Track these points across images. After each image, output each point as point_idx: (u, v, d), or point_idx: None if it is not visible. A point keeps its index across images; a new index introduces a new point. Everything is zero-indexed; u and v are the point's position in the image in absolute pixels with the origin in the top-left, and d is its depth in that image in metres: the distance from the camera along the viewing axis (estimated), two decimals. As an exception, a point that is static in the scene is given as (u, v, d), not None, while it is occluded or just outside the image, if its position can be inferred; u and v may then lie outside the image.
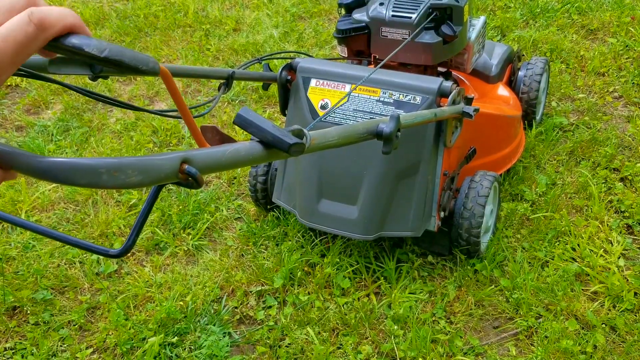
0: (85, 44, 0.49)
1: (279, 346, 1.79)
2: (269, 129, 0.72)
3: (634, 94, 2.84)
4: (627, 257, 2.04)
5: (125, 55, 0.50)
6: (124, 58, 0.50)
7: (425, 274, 1.99)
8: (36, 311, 1.92)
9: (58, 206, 2.36)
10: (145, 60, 0.53)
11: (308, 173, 1.85)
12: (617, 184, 2.31)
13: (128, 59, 0.50)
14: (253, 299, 1.95)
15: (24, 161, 0.49)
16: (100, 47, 0.49)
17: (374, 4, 1.98)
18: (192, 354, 1.78)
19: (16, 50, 0.45)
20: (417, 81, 1.76)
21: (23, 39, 0.45)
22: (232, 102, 2.96)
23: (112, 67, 0.51)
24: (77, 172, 0.49)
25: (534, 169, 2.41)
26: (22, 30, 0.45)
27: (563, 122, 2.66)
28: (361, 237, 1.84)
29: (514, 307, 1.88)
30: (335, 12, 3.76)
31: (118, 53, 0.50)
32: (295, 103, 1.87)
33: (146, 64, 0.52)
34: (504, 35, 3.38)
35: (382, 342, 1.79)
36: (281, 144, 0.72)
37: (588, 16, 3.48)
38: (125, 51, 0.51)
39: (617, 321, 1.79)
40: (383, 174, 1.77)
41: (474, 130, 1.96)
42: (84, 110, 2.94)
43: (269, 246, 2.12)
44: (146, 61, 0.53)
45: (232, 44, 3.41)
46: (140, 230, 0.65)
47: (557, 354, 1.72)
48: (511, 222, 2.16)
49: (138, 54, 0.52)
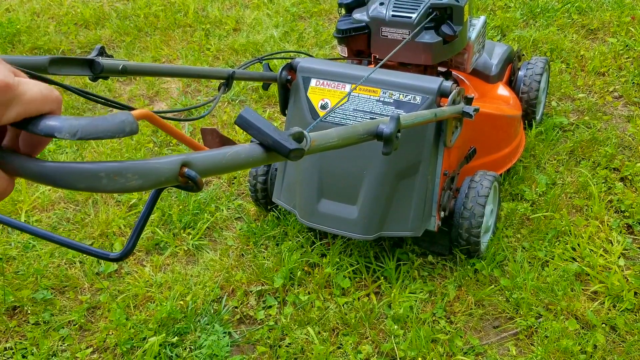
0: (57, 129, 0.47)
1: (279, 346, 1.79)
2: (270, 132, 0.71)
3: (634, 94, 2.84)
4: (627, 256, 2.04)
5: (99, 129, 0.48)
6: (98, 134, 0.48)
7: (425, 274, 1.99)
8: (36, 311, 1.92)
9: (58, 206, 2.36)
10: (120, 127, 0.49)
11: (308, 173, 1.85)
12: (617, 184, 2.31)
13: (103, 132, 0.48)
14: (253, 298, 1.95)
15: (24, 165, 0.50)
16: (72, 129, 0.47)
17: (374, 4, 1.98)
18: (192, 353, 1.78)
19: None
20: (417, 81, 1.76)
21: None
22: (232, 101, 2.96)
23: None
24: (77, 176, 0.49)
25: (534, 169, 2.41)
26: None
27: (563, 122, 2.66)
28: (361, 236, 1.84)
29: (514, 307, 1.88)
30: (335, 11, 3.76)
31: (91, 130, 0.48)
32: (296, 103, 1.87)
33: (122, 131, 0.49)
34: (504, 35, 3.38)
35: (382, 342, 1.79)
36: (281, 149, 0.71)
37: (588, 16, 3.48)
38: (99, 124, 0.48)
39: (617, 321, 1.80)
40: (383, 174, 1.77)
41: (474, 130, 1.96)
42: (84, 110, 2.94)
43: (269, 246, 2.12)
44: (122, 128, 0.49)
45: (232, 44, 3.41)
46: (140, 233, 0.65)
47: (557, 354, 1.72)
48: (511, 222, 2.16)
49: (112, 121, 0.49)
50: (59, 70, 1.01)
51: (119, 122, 0.49)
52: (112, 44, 3.54)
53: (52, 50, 3.46)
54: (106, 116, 0.49)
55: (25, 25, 3.63)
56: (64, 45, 3.49)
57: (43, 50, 3.46)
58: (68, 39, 3.57)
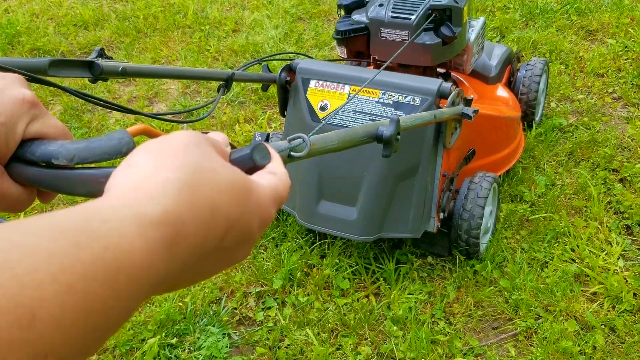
0: (54, 154, 0.48)
1: (279, 347, 1.79)
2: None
3: (633, 95, 2.84)
4: (627, 258, 2.04)
5: (95, 153, 0.48)
6: (94, 157, 0.48)
7: (424, 275, 1.99)
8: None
9: (57, 207, 2.36)
10: (117, 148, 0.49)
11: (308, 174, 1.85)
12: (616, 185, 2.31)
13: (99, 156, 0.48)
14: (252, 300, 1.95)
15: (25, 170, 0.50)
16: (68, 155, 0.48)
17: (373, 5, 1.98)
18: (191, 355, 1.78)
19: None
20: (416, 82, 1.76)
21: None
22: (231, 103, 2.96)
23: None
24: (78, 181, 0.49)
25: (533, 170, 2.41)
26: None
27: (562, 123, 2.66)
28: (360, 238, 1.84)
29: (513, 308, 1.88)
30: (334, 13, 3.76)
31: (87, 155, 0.48)
32: (295, 104, 1.87)
33: (119, 152, 0.49)
34: (503, 36, 3.38)
35: (382, 343, 1.79)
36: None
37: (587, 17, 3.48)
38: (94, 147, 0.48)
39: (617, 322, 1.80)
40: (382, 175, 1.77)
41: (473, 131, 1.96)
42: (83, 111, 2.94)
43: (268, 247, 2.12)
44: (119, 149, 0.49)
45: (231, 45, 3.41)
46: None
47: (557, 355, 1.72)
48: (510, 223, 2.16)
49: (108, 143, 0.49)
50: (58, 72, 1.01)
51: (116, 142, 0.49)
52: (112, 45, 3.54)
53: (51, 52, 3.46)
54: (101, 138, 0.49)
55: (25, 27, 3.63)
56: (63, 46, 3.49)
57: (42, 51, 3.46)
58: (67, 40, 3.57)
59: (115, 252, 0.32)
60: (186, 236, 0.36)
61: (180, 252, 0.36)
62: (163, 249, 0.35)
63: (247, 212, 0.41)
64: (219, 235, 0.39)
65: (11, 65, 0.57)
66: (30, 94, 0.49)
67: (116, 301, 0.32)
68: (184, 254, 0.37)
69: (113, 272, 0.32)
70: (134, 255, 0.33)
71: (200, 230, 0.37)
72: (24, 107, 0.48)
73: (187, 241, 0.36)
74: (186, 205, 0.37)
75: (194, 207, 0.37)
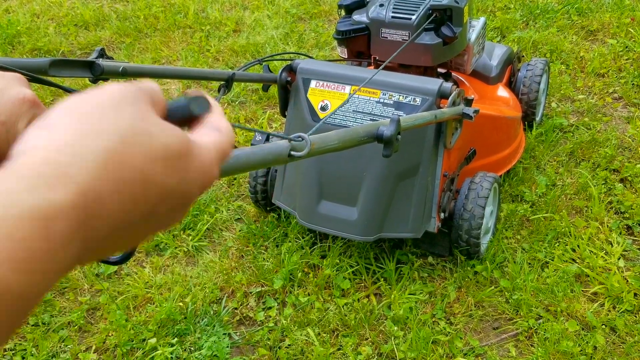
0: None
1: (279, 347, 1.79)
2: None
3: (634, 95, 2.84)
4: (627, 258, 2.04)
5: None
6: None
7: (425, 275, 1.99)
8: (36, 312, 1.92)
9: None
10: None
11: (308, 174, 1.85)
12: (617, 185, 2.31)
13: None
14: (253, 300, 1.95)
15: None
16: None
17: (373, 5, 1.98)
18: (192, 355, 1.78)
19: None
20: (417, 82, 1.76)
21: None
22: (232, 103, 2.96)
23: None
24: None
25: (533, 170, 2.41)
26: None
27: (563, 123, 2.66)
28: (361, 238, 1.84)
29: (514, 308, 1.88)
30: (335, 13, 3.76)
31: None
32: (295, 104, 1.87)
33: None
34: (503, 36, 3.38)
35: (382, 343, 1.79)
36: None
37: (588, 17, 3.48)
38: None
39: (617, 322, 1.80)
40: (383, 176, 1.77)
41: (474, 131, 1.96)
42: (84, 111, 2.94)
43: (268, 247, 2.12)
44: None
45: (232, 45, 3.41)
46: None
47: (557, 355, 1.72)
48: (511, 223, 2.16)
49: None
50: (59, 72, 1.01)
51: None
52: (112, 45, 3.54)
53: (52, 52, 3.46)
54: None
55: (25, 27, 3.63)
56: (64, 47, 3.49)
57: (43, 51, 3.47)
58: (68, 40, 3.57)
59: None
60: (105, 216, 0.31)
61: (95, 234, 0.31)
62: (71, 238, 0.30)
63: (186, 180, 0.36)
64: (149, 207, 0.34)
65: (12, 65, 0.57)
66: (31, 93, 0.49)
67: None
68: (101, 231, 0.31)
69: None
70: (15, 282, 0.27)
71: (125, 206, 0.32)
72: (24, 106, 0.48)
73: (105, 220, 0.31)
74: (109, 181, 0.31)
75: (118, 181, 0.31)
